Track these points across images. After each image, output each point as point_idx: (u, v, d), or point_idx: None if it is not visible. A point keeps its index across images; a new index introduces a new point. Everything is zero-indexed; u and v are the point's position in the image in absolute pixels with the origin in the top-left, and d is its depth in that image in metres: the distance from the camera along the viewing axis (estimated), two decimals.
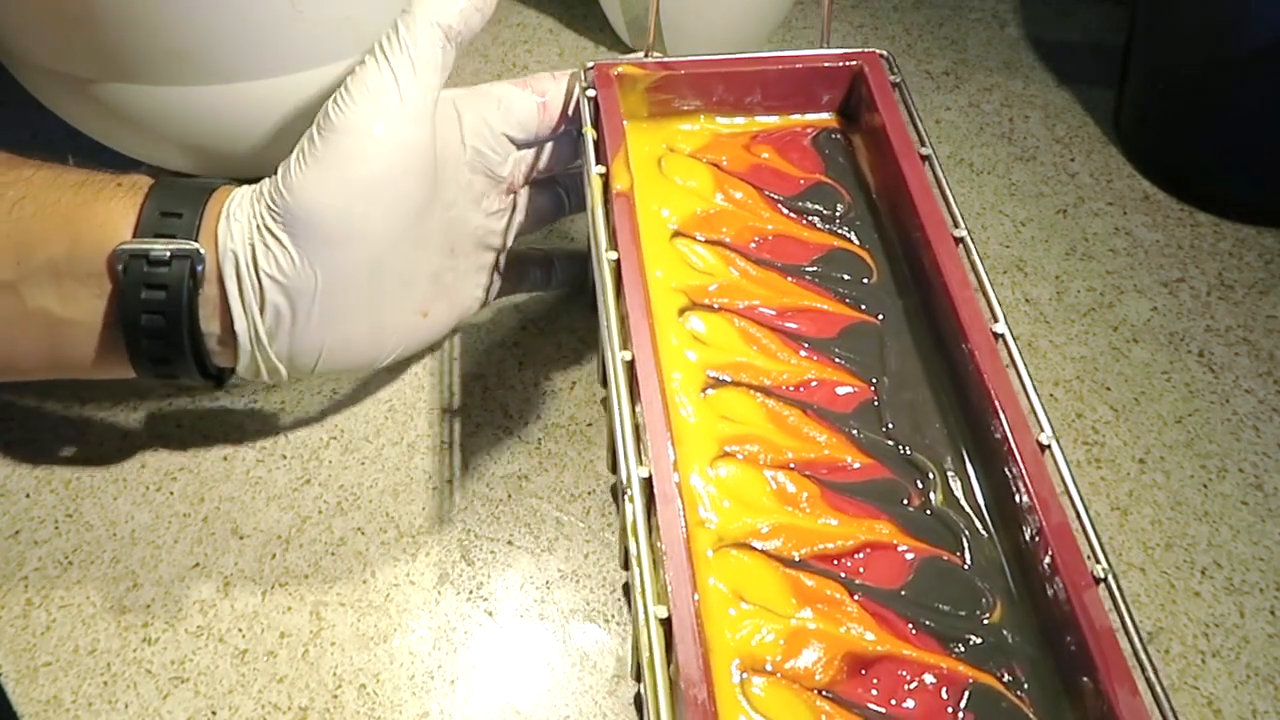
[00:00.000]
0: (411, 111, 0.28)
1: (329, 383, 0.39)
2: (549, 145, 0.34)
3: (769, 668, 0.23)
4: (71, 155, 0.31)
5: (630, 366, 0.26)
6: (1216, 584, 0.34)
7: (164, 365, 0.29)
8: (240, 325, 0.28)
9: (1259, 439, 0.38)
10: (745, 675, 0.23)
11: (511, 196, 0.35)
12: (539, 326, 0.41)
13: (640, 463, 0.24)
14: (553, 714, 0.31)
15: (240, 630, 0.32)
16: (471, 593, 0.33)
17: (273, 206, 0.28)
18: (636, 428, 0.25)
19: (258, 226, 0.28)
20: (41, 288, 0.28)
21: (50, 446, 0.37)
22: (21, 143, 0.47)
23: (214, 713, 0.30)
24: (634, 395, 0.26)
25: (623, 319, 0.27)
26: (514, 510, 0.35)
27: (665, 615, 0.22)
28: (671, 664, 0.22)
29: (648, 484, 0.24)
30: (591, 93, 0.32)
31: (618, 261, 0.28)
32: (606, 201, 0.29)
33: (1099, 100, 0.51)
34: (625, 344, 0.26)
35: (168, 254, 0.27)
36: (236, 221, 0.28)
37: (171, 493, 0.36)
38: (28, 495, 0.35)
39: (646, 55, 0.34)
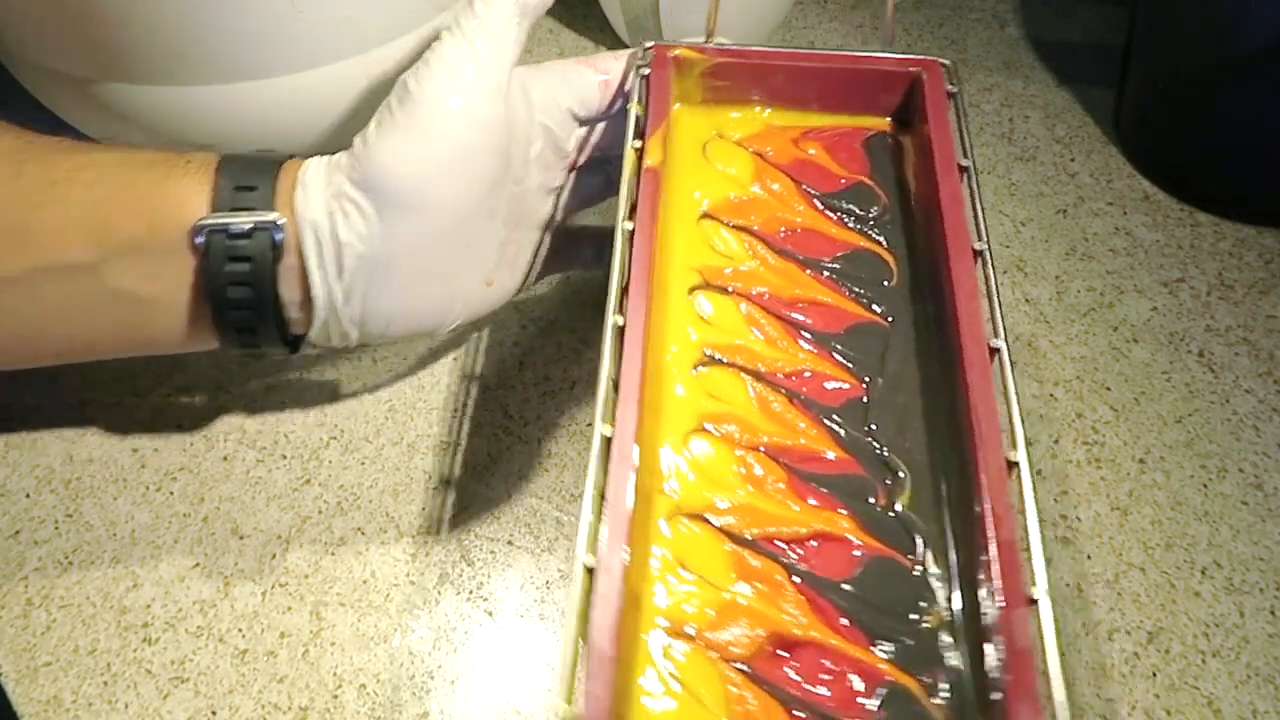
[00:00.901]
0: (488, 87, 0.29)
1: (328, 382, 0.39)
2: (603, 124, 0.35)
3: (691, 632, 0.24)
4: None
5: (620, 332, 0.27)
6: (1216, 584, 0.34)
7: (249, 335, 0.30)
8: (319, 291, 0.29)
9: (1259, 439, 0.38)
10: (668, 638, 0.24)
11: (569, 173, 0.35)
12: (539, 326, 0.41)
13: (609, 422, 0.25)
14: (553, 714, 0.31)
15: (240, 630, 0.32)
16: (471, 593, 0.33)
17: (351, 174, 0.28)
18: (614, 390, 0.26)
19: (335, 194, 0.29)
20: (122, 268, 0.28)
21: (50, 446, 0.37)
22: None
23: (214, 713, 0.30)
24: (618, 361, 0.27)
25: (625, 287, 0.28)
26: (514, 510, 0.35)
27: (592, 564, 0.23)
28: (591, 613, 0.22)
29: (608, 442, 0.25)
30: (645, 71, 0.33)
31: (632, 232, 0.29)
32: (637, 176, 0.30)
33: (1099, 100, 0.51)
34: (621, 310, 0.27)
35: (248, 226, 0.28)
36: (313, 190, 0.29)
37: (171, 493, 0.36)
38: (28, 495, 0.35)
39: (707, 40, 0.34)
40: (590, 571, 0.23)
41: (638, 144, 0.31)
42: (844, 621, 0.24)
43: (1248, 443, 0.38)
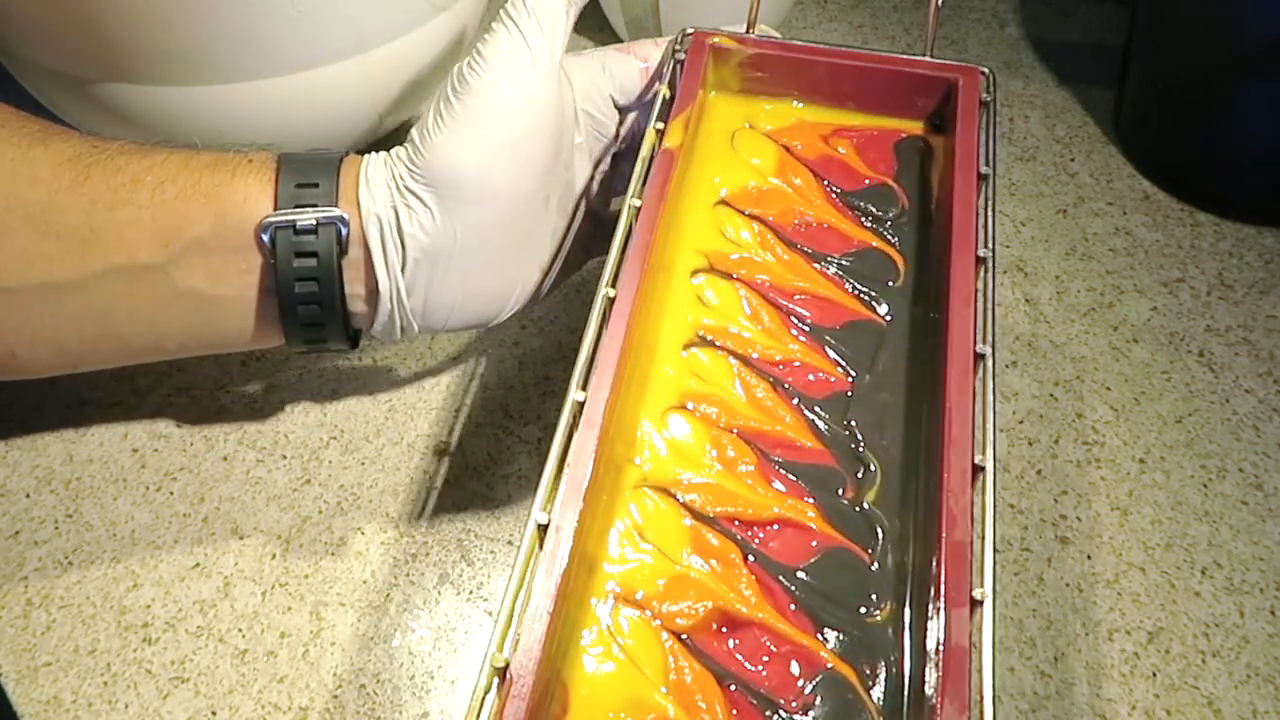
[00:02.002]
0: (541, 73, 0.30)
1: (328, 382, 0.39)
2: (638, 113, 0.35)
3: (639, 599, 0.25)
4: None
5: (610, 304, 0.27)
6: (1216, 584, 0.34)
7: (316, 329, 0.30)
8: (384, 285, 0.30)
9: (1259, 439, 0.38)
10: (616, 603, 0.25)
11: (610, 160, 0.35)
12: (539, 326, 0.41)
13: (581, 388, 0.26)
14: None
15: (240, 630, 0.32)
16: (471, 593, 0.33)
17: (412, 167, 0.29)
18: (593, 358, 0.26)
19: (398, 188, 0.29)
20: (190, 267, 0.29)
21: (50, 446, 0.37)
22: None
23: (214, 713, 0.30)
24: (604, 330, 0.27)
25: (622, 261, 0.28)
26: (514, 510, 0.35)
27: (545, 522, 0.23)
28: (536, 568, 0.23)
29: (580, 407, 0.25)
30: (681, 56, 0.33)
31: (639, 210, 0.29)
32: (653, 155, 0.31)
33: (1099, 100, 0.51)
34: (614, 283, 0.28)
35: (314, 222, 0.28)
36: (376, 186, 0.29)
37: (171, 493, 0.36)
38: (28, 495, 0.35)
39: (748, 31, 0.34)
40: (542, 529, 0.23)
41: (660, 125, 0.31)
42: (793, 607, 0.25)
43: (1248, 443, 0.38)
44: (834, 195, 0.33)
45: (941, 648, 0.22)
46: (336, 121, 0.41)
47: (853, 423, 0.28)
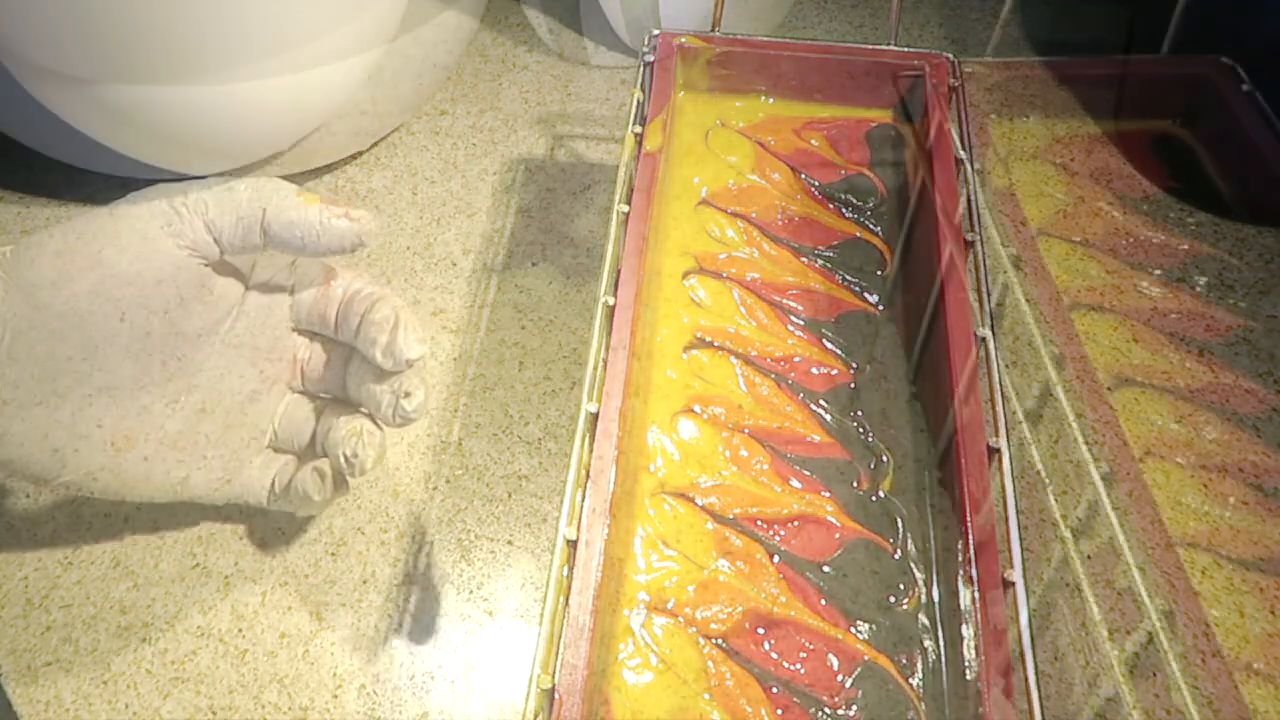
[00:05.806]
0: (190, 235, 0.27)
1: None
2: (329, 355, 0.31)
3: (671, 608, 0.25)
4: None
5: (610, 312, 0.27)
6: (1217, 583, 0.34)
7: None
8: None
9: (1259, 439, 0.38)
10: (648, 612, 0.25)
11: (284, 382, 0.31)
12: (539, 326, 0.41)
13: (592, 399, 0.26)
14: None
15: (240, 630, 0.32)
16: (471, 593, 0.33)
17: (16, 249, 0.26)
18: (602, 367, 0.26)
19: None
20: None
21: None
22: (22, 142, 0.47)
23: (214, 713, 0.30)
24: (607, 339, 0.27)
25: (617, 269, 0.28)
26: (514, 510, 0.35)
27: (574, 537, 0.23)
28: (571, 585, 0.23)
29: (593, 418, 0.25)
30: (650, 58, 0.33)
31: (627, 215, 0.29)
32: (635, 160, 0.31)
33: (1099, 100, 0.51)
34: (612, 290, 0.28)
35: None
36: None
37: None
38: (28, 495, 0.35)
39: (713, 30, 0.34)
40: (571, 544, 0.23)
41: (638, 129, 0.31)
42: (823, 602, 0.25)
43: (1248, 442, 0.38)
44: (812, 188, 0.33)
45: (980, 632, 0.22)
46: (336, 121, 0.41)
47: (859, 413, 0.28)
